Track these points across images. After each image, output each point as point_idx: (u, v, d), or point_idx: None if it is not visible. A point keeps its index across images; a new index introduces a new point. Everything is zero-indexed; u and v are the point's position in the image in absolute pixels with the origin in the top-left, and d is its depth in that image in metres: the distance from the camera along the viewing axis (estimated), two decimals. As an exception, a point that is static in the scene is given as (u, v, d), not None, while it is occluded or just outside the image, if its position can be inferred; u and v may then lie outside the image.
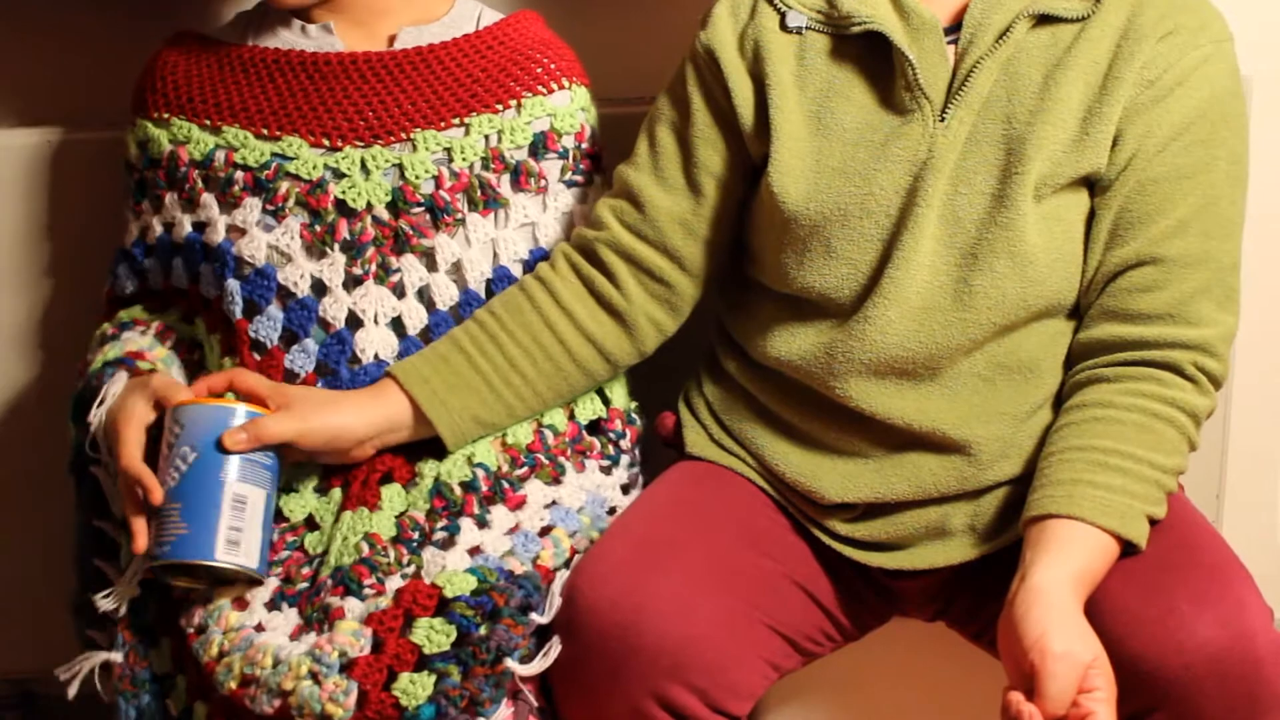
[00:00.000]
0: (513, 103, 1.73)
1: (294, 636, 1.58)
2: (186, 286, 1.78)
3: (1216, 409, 2.02)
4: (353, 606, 1.57)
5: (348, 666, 1.52)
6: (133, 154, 1.80)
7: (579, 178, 1.76)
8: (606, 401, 1.77)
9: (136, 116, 1.80)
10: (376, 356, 1.69)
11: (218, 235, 1.72)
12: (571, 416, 1.74)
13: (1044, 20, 1.56)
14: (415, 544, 1.63)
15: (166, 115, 1.77)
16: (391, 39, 1.75)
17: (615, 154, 1.80)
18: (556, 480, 1.71)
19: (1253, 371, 2.10)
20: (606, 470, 1.76)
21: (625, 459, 1.77)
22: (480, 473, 1.67)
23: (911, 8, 1.57)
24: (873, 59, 1.59)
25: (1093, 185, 1.56)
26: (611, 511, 1.75)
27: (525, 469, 1.69)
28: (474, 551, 1.64)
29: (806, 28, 1.61)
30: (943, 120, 1.55)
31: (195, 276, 1.76)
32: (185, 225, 1.76)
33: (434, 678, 1.51)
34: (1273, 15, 2.02)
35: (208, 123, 1.75)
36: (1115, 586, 1.46)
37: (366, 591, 1.59)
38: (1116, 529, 1.46)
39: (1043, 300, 1.56)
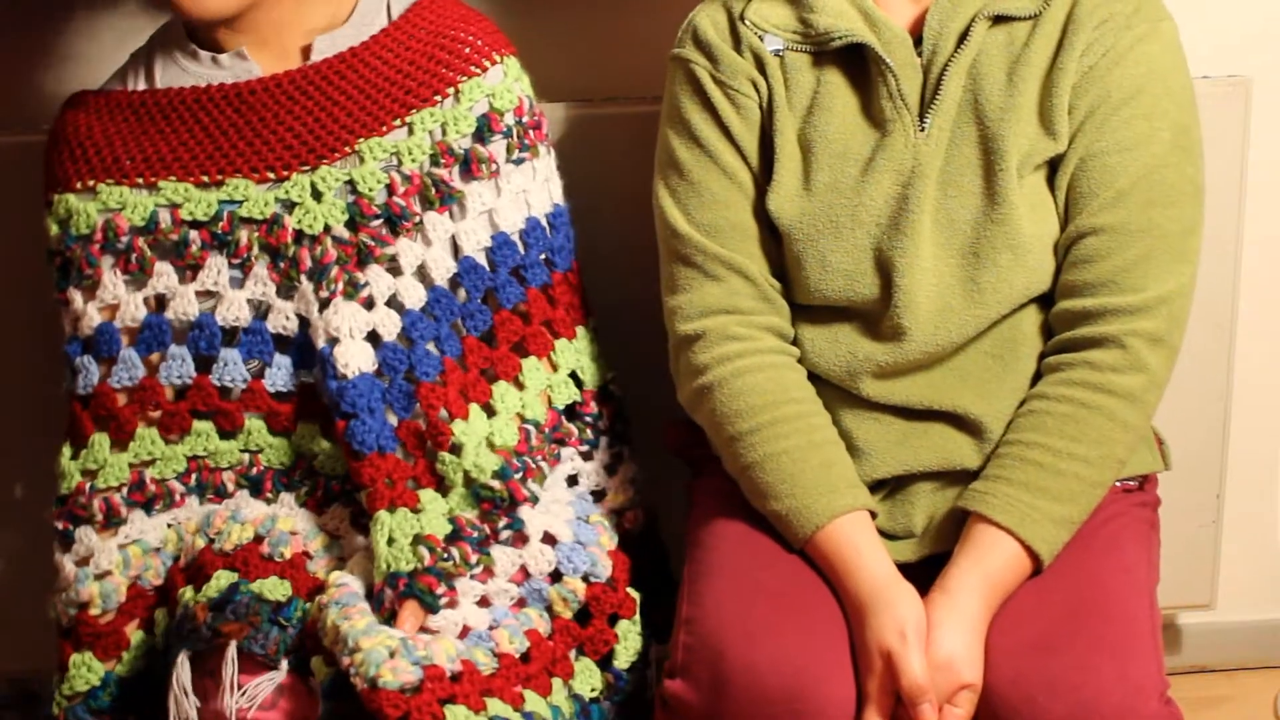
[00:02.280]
0: (450, 90, 1.68)
1: None
2: (137, 382, 1.66)
3: (1214, 406, 2.05)
4: (435, 622, 1.56)
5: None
6: (54, 235, 1.68)
7: (525, 154, 1.71)
8: (580, 384, 1.75)
9: (52, 193, 1.68)
10: (359, 370, 1.63)
11: (190, 308, 1.65)
12: (550, 404, 1.73)
13: (1000, 20, 1.60)
14: (477, 541, 1.60)
15: (91, 183, 1.66)
16: (306, 51, 1.68)
17: (593, 155, 1.80)
18: (541, 481, 1.70)
19: (1253, 372, 2.10)
20: (586, 455, 1.75)
21: (604, 440, 1.77)
22: (507, 455, 1.65)
23: (882, 21, 1.60)
24: (850, 74, 1.62)
25: (1054, 166, 1.60)
26: (599, 495, 1.75)
27: (520, 472, 1.67)
28: (549, 541, 1.64)
29: (786, 49, 1.63)
30: (923, 130, 1.58)
31: (153, 366, 1.67)
32: (136, 306, 1.66)
33: None
34: (1273, 15, 2.02)
35: (140, 181, 1.65)
36: (1005, 643, 1.49)
37: (442, 601, 1.56)
38: (1016, 529, 1.51)
39: (1041, 284, 1.60)
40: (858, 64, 1.61)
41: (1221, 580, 2.14)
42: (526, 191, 1.72)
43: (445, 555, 1.58)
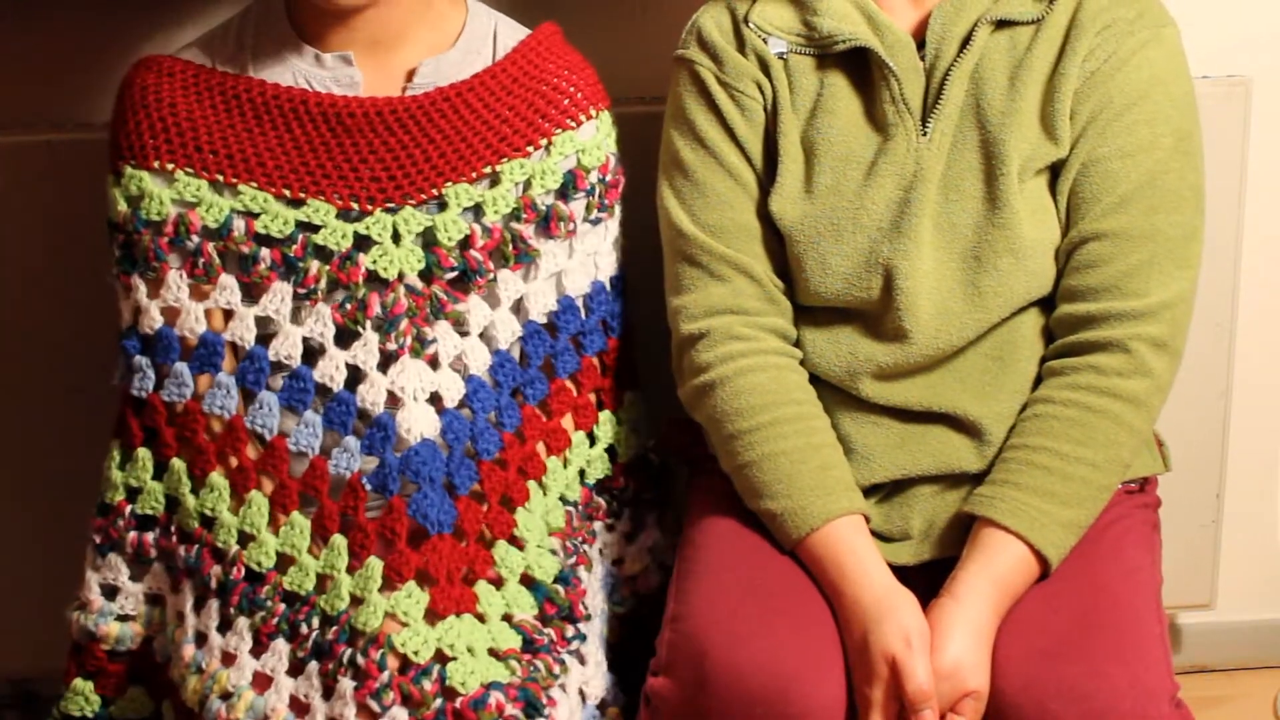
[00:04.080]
0: (543, 142, 1.62)
1: None
2: (184, 402, 1.55)
3: (1214, 406, 2.05)
4: None
5: None
6: (121, 211, 1.57)
7: (603, 214, 1.67)
8: (614, 457, 1.72)
9: (125, 165, 1.57)
10: (423, 436, 1.55)
11: (248, 334, 1.54)
12: (582, 479, 1.69)
13: (1002, 25, 1.59)
14: (546, 648, 1.54)
15: (170, 167, 1.55)
16: (410, 73, 1.60)
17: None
18: (589, 570, 1.67)
19: (1253, 372, 2.10)
20: (610, 527, 1.73)
21: (627, 511, 1.74)
22: (560, 562, 1.60)
23: (886, 25, 1.60)
24: (853, 77, 1.62)
25: (1056, 171, 1.60)
26: (618, 563, 1.72)
27: (574, 556, 1.64)
28: (601, 665, 1.61)
29: (789, 51, 1.62)
30: (925, 134, 1.58)
31: (200, 390, 1.56)
32: (197, 317, 1.55)
33: None
34: (1273, 15, 2.02)
35: (220, 179, 1.55)
36: (1015, 650, 1.48)
37: (546, 711, 1.49)
38: (1025, 533, 1.50)
39: (1042, 288, 1.60)
40: (861, 67, 1.61)
41: (1221, 580, 2.15)
42: (596, 254, 1.68)
43: (534, 668, 1.52)
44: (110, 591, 1.64)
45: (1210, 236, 1.63)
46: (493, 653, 1.51)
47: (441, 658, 1.49)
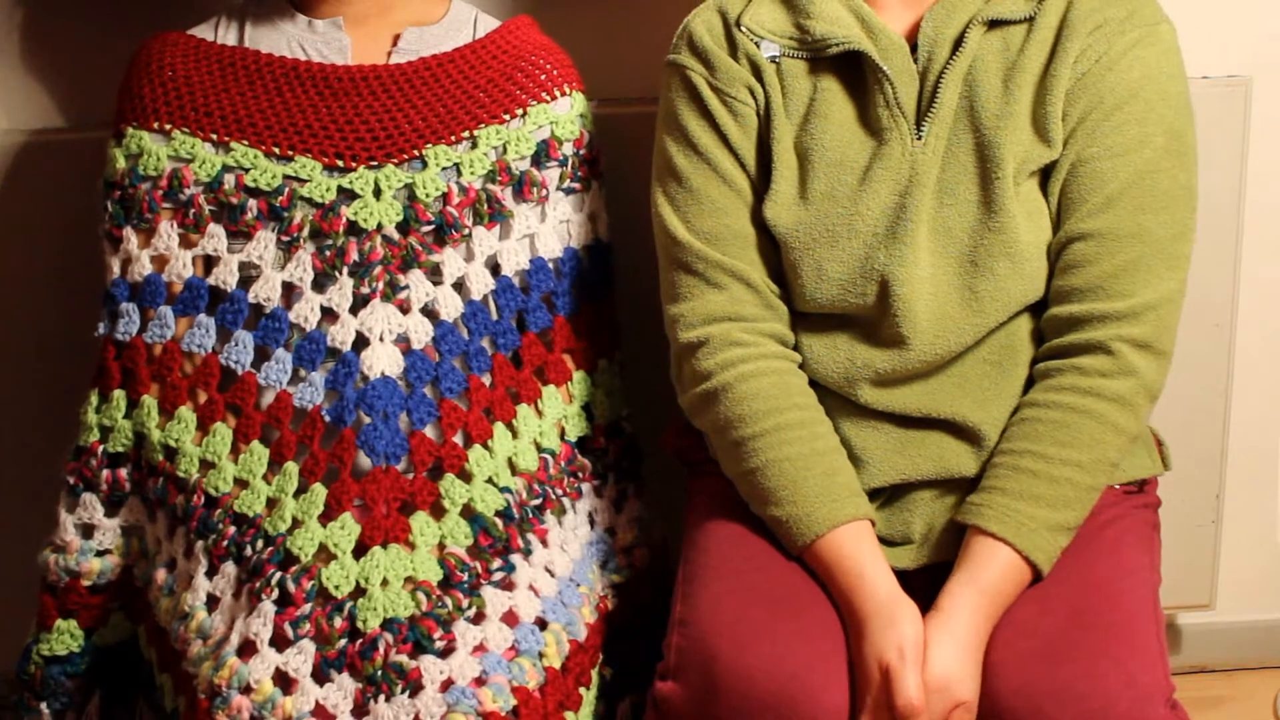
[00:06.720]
0: (519, 111, 1.71)
1: (359, 706, 1.50)
2: (164, 343, 1.66)
3: (1214, 406, 2.05)
4: (429, 666, 1.51)
5: None
6: (119, 168, 1.69)
7: (576, 185, 1.74)
8: (591, 418, 1.75)
9: (127, 126, 1.69)
10: (383, 374, 1.64)
11: (230, 278, 1.65)
12: (563, 436, 1.72)
13: (995, 25, 1.59)
14: (467, 585, 1.57)
15: (169, 127, 1.68)
16: (395, 39, 1.71)
17: (605, 155, 1.80)
18: (561, 515, 1.70)
19: (1252, 372, 2.10)
20: (598, 491, 1.75)
21: (612, 475, 1.77)
22: (510, 499, 1.63)
23: (879, 28, 1.59)
24: (847, 80, 1.61)
25: (1049, 173, 1.59)
26: (610, 531, 1.75)
27: (540, 499, 1.67)
28: (534, 591, 1.62)
29: (782, 55, 1.62)
30: (919, 138, 1.58)
31: (181, 332, 1.67)
32: (185, 264, 1.67)
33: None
34: (1273, 15, 2.02)
35: (214, 137, 1.67)
36: (1011, 652, 1.48)
37: (439, 645, 1.53)
38: (1012, 539, 1.50)
39: (1038, 291, 1.59)
40: (854, 71, 1.61)
41: (1221, 580, 2.15)
42: (569, 222, 1.74)
43: (441, 602, 1.55)
44: (87, 530, 1.72)
45: (1210, 236, 1.63)
46: (410, 581, 1.55)
47: (358, 592, 1.55)
